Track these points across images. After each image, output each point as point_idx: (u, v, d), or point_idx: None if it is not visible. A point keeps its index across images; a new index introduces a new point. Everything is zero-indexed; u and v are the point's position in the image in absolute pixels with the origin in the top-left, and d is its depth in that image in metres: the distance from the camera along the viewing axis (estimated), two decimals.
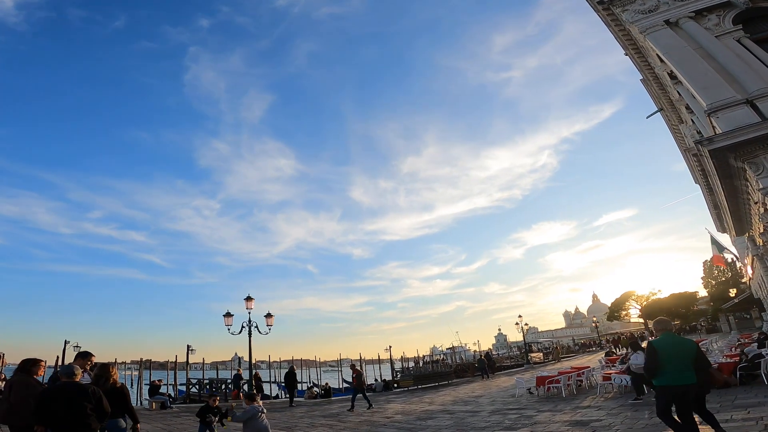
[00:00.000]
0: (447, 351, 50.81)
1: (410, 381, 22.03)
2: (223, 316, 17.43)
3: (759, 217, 15.73)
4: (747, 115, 13.20)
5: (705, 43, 14.71)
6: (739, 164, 13.57)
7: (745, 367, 11.15)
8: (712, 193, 32.03)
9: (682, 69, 14.78)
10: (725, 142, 12.97)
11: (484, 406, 13.16)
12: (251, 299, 17.75)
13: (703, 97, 14.13)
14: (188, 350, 22.14)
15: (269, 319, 18.29)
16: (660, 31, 15.67)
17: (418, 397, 17.55)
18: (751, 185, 14.64)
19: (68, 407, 4.18)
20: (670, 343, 5.38)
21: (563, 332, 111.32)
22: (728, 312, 43.72)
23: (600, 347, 50.41)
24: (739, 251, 33.42)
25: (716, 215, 37.56)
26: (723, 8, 15.09)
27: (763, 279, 24.05)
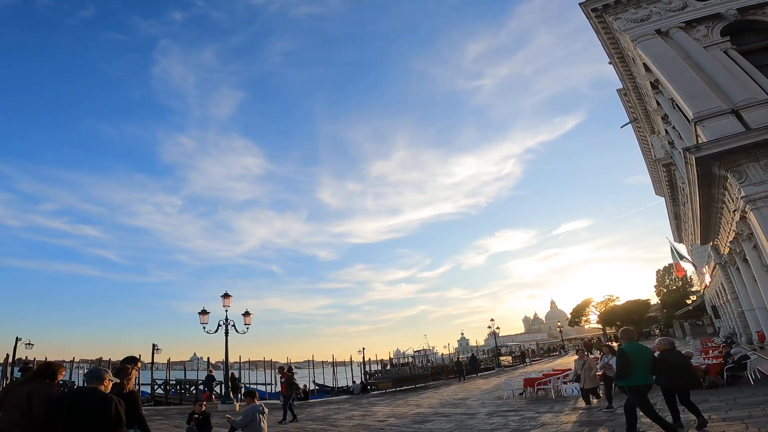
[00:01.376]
0: (415, 354, 50.68)
1: (389, 383, 21.57)
2: (198, 313, 16.26)
3: (733, 224, 16.44)
4: (732, 125, 13.70)
5: (693, 53, 15.21)
6: (722, 172, 14.06)
7: (732, 368, 11.47)
8: (675, 203, 33.82)
9: (670, 78, 15.22)
10: (712, 150, 13.40)
11: (476, 408, 12.88)
12: (229, 296, 16.68)
13: (690, 106, 14.57)
14: (153, 349, 20.57)
15: (247, 318, 17.27)
16: (651, 40, 16.13)
17: (401, 400, 17.07)
18: (729, 194, 15.27)
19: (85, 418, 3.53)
20: (636, 350, 6.34)
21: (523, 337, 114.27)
22: (681, 318, 46.13)
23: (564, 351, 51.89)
24: (696, 260, 35.38)
25: (675, 225, 39.75)
26: (712, 20, 15.68)
27: (724, 287, 25.40)
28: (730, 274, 23.69)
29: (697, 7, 16.09)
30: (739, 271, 22.46)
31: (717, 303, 31.32)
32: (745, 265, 19.41)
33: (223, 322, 16.43)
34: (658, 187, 45.08)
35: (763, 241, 12.97)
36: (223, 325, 16.39)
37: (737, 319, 24.52)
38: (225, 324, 16.41)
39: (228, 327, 16.42)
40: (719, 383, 11.38)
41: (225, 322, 16.45)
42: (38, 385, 3.99)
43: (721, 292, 27.58)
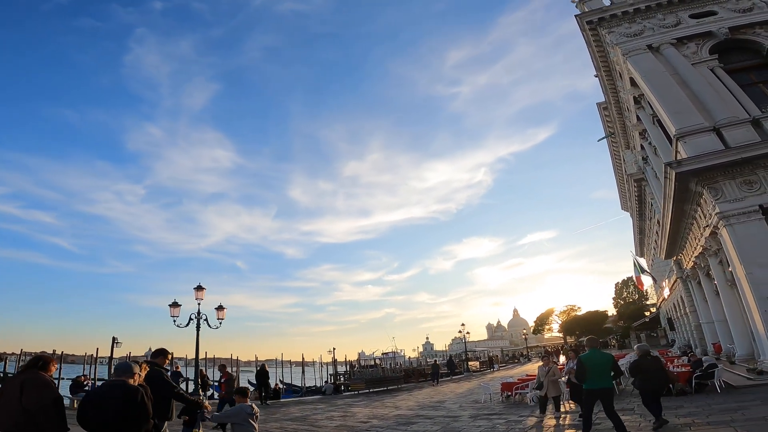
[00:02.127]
0: (383, 356, 50.55)
1: (362, 384, 21.20)
2: (169, 306, 15.32)
3: (702, 240, 17.20)
4: (712, 142, 14.24)
5: (681, 69, 15.67)
6: (698, 189, 14.62)
7: (700, 376, 11.89)
8: (641, 218, 35.34)
9: (657, 93, 15.63)
10: (692, 166, 13.91)
11: (456, 411, 12.77)
12: (202, 289, 15.83)
13: (673, 121, 15.05)
14: (113, 343, 19.25)
15: (220, 312, 16.45)
16: (642, 54, 16.52)
17: (378, 401, 16.76)
18: (701, 210, 15.93)
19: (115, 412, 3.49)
20: (595, 357, 7.05)
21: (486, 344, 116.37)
22: (637, 330, 48.21)
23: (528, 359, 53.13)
24: (656, 274, 37.07)
25: (639, 240, 41.62)
26: (703, 37, 16.23)
27: (683, 300, 26.66)
28: (690, 288, 24.89)
29: (690, 24, 16.61)
30: (700, 285, 23.60)
31: (673, 316, 32.88)
32: (708, 279, 20.38)
33: (194, 316, 15.59)
34: (625, 202, 47.14)
35: (734, 256, 13.57)
36: (194, 319, 15.55)
37: (693, 331, 25.75)
38: (197, 318, 15.57)
39: (200, 321, 15.59)
40: (687, 390, 11.78)
41: (197, 316, 15.61)
42: (31, 374, 3.85)
43: (679, 305, 28.92)
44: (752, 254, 12.65)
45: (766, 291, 12.29)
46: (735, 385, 11.92)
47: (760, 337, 12.67)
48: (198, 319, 15.58)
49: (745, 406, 8.42)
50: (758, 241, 12.65)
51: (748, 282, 12.68)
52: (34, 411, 3.61)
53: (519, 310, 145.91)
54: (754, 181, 13.09)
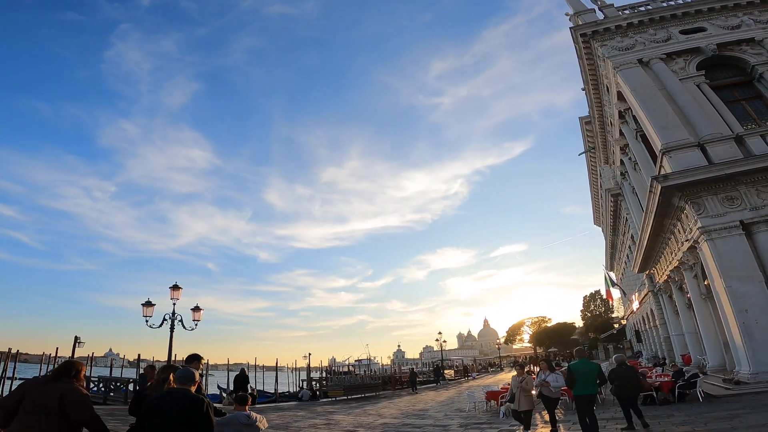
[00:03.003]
0: (356, 363, 49.94)
1: (340, 391, 20.61)
2: (142, 305, 14.33)
3: (679, 254, 17.69)
4: (697, 158, 14.61)
5: (669, 84, 16.06)
6: (680, 203, 15.00)
7: (683, 385, 12.08)
8: (614, 233, 36.40)
9: (644, 107, 15.92)
10: (678, 181, 14.23)
11: (442, 420, 12.46)
12: (178, 288, 14.93)
13: (660, 136, 15.39)
14: (75, 342, 17.85)
15: (196, 313, 15.55)
16: (632, 68, 16.85)
17: (359, 409, 16.23)
18: (681, 224, 16.36)
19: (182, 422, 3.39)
20: (583, 366, 7.76)
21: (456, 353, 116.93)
22: (605, 342, 49.49)
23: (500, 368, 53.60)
24: (625, 288, 38.25)
25: (610, 254, 42.94)
26: (691, 53, 16.66)
27: (653, 313, 27.49)
28: (661, 302, 25.68)
29: (680, 39, 17.09)
30: (671, 298, 24.35)
31: (641, 328, 33.88)
32: (680, 293, 21.01)
33: (169, 317, 14.66)
34: (598, 216, 48.65)
35: (713, 270, 13.93)
36: (168, 319, 14.63)
37: (662, 343, 26.52)
38: (171, 319, 14.65)
39: (174, 322, 14.68)
40: (670, 399, 11.96)
41: (171, 316, 14.69)
42: (70, 385, 3.73)
43: (649, 318, 29.79)
44: (732, 268, 13.02)
45: (744, 304, 12.65)
46: (714, 395, 12.17)
47: (737, 349, 12.99)
48: (172, 320, 14.67)
49: (736, 415, 8.53)
50: (738, 255, 13.02)
51: (727, 295, 13.01)
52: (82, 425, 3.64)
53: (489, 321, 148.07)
54: (736, 197, 13.50)
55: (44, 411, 3.61)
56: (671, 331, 24.29)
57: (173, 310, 14.75)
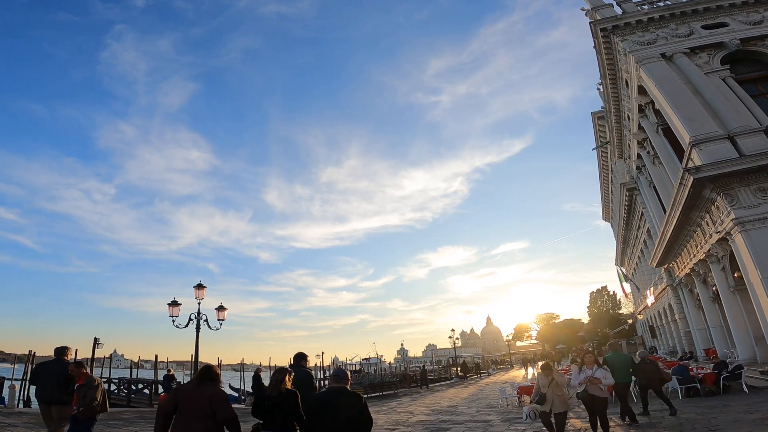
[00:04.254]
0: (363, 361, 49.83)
1: (361, 389, 20.44)
2: (168, 305, 14.10)
3: (706, 247, 17.50)
4: (727, 150, 14.50)
5: (694, 78, 15.98)
6: (712, 195, 14.83)
7: (728, 377, 11.90)
8: (627, 228, 36.24)
9: (670, 100, 15.87)
10: (711, 172, 14.09)
11: (477, 415, 12.25)
12: (203, 287, 14.70)
13: (688, 129, 15.28)
14: (95, 343, 17.62)
15: (221, 313, 15.31)
16: (655, 63, 16.81)
17: (385, 407, 16.04)
18: (710, 216, 16.19)
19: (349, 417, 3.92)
20: (616, 357, 9.04)
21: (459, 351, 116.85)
22: (616, 337, 49.32)
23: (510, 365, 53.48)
24: (637, 283, 38.08)
25: (621, 249, 42.79)
26: (715, 48, 16.68)
27: (671, 307, 27.29)
28: (681, 296, 25.48)
29: (703, 34, 17.09)
30: (692, 292, 24.16)
31: (657, 323, 33.68)
32: (704, 286, 20.81)
33: (194, 317, 14.43)
34: (607, 212, 48.54)
35: (748, 262, 13.77)
36: (194, 319, 14.39)
37: (683, 337, 26.31)
38: (197, 318, 14.42)
39: (200, 322, 14.45)
40: (715, 391, 11.78)
41: (197, 316, 14.45)
42: (216, 388, 4.16)
43: (666, 312, 29.57)
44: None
45: None
46: (757, 387, 12.02)
47: None
48: (198, 320, 14.43)
49: None
50: None
51: (763, 286, 12.87)
52: (225, 422, 4.01)
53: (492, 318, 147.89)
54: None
55: (197, 413, 3.96)
56: (692, 325, 24.08)
57: (198, 309, 14.53)
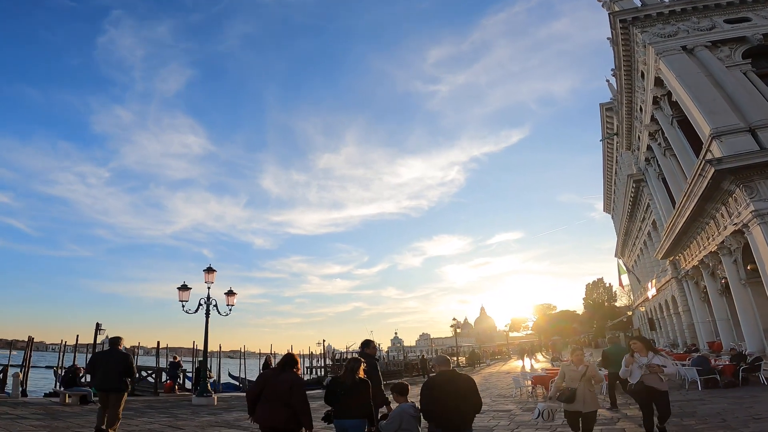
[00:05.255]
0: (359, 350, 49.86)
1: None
2: (178, 289, 13.73)
3: (719, 239, 17.44)
4: (748, 142, 14.39)
5: (715, 71, 15.88)
6: (731, 187, 14.72)
7: (747, 369, 11.87)
8: (631, 219, 36.27)
9: (691, 92, 15.73)
10: (732, 164, 13.98)
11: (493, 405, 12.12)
12: (213, 271, 14.33)
13: (708, 120, 15.16)
14: (97, 329, 17.26)
15: (230, 298, 14.97)
16: (676, 55, 16.75)
17: None
18: (726, 208, 16.08)
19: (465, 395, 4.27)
20: (615, 349, 10.22)
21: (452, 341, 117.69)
22: (612, 329, 49.74)
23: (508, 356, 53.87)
24: (639, 275, 38.25)
25: (623, 241, 42.94)
26: (737, 42, 16.64)
27: (676, 299, 27.41)
28: (686, 288, 25.57)
29: (725, 28, 17.14)
30: (697, 285, 24.24)
31: (658, 315, 33.92)
32: (712, 279, 20.84)
33: (204, 302, 14.11)
34: (609, 204, 48.64)
35: (765, 253, 13.75)
36: (204, 304, 14.07)
37: (686, 330, 26.47)
38: (206, 303, 14.07)
39: (209, 307, 14.14)
40: (735, 383, 11.73)
41: (206, 301, 14.13)
42: (296, 375, 4.52)
43: (669, 305, 29.73)
44: None
45: None
46: None
47: None
48: (208, 305, 14.09)
49: None
50: None
51: None
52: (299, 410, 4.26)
53: (486, 309, 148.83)
54: None
55: (279, 399, 4.26)
56: (697, 318, 24.18)
57: (208, 294, 14.19)
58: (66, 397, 11.62)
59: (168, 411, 9.86)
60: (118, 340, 7.56)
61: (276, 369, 4.67)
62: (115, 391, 7.05)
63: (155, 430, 8.15)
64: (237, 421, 9.79)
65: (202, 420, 9.80)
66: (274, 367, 4.83)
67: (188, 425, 9.01)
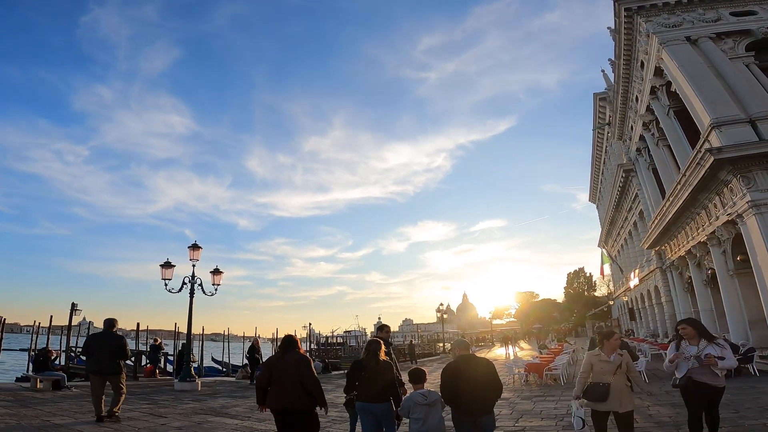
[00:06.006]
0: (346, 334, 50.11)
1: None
2: (161, 266, 12.93)
3: (709, 229, 17.52)
4: (748, 133, 14.32)
5: (718, 63, 15.86)
6: (728, 177, 14.70)
7: (740, 359, 11.89)
8: (618, 209, 36.57)
9: (693, 82, 15.63)
10: (733, 154, 13.88)
11: None
12: (198, 248, 13.60)
13: (709, 111, 15.05)
14: (72, 310, 16.30)
15: (216, 277, 14.27)
16: (680, 45, 16.69)
17: None
18: (720, 199, 16.11)
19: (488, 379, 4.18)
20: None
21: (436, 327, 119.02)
22: (592, 319, 50.76)
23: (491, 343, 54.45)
24: (622, 265, 38.82)
25: (607, 230, 43.41)
26: (741, 35, 16.62)
27: (659, 290, 27.79)
28: (670, 279, 25.92)
29: (731, 21, 17.13)
30: (681, 275, 24.57)
31: (639, 306, 34.52)
32: (698, 269, 21.08)
33: (189, 280, 13.39)
34: (595, 194, 49.06)
35: (758, 244, 13.79)
36: (188, 283, 13.36)
37: (667, 321, 26.91)
38: (191, 282, 13.37)
39: (194, 287, 13.42)
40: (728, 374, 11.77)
41: (191, 279, 13.41)
42: (300, 354, 4.51)
43: (651, 295, 30.19)
44: None
45: None
46: (763, 370, 12.10)
47: None
48: (192, 284, 13.38)
49: None
50: None
51: None
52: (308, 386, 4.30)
53: (468, 296, 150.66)
54: None
55: (288, 381, 4.26)
56: (679, 308, 24.55)
57: (193, 272, 13.45)
58: (37, 382, 10.87)
59: (149, 397, 9.26)
60: (113, 322, 7.46)
61: (278, 353, 4.61)
62: (111, 374, 7.05)
63: (135, 419, 7.54)
64: (223, 408, 9.26)
65: (186, 407, 9.23)
66: (276, 351, 4.80)
67: (171, 413, 8.44)
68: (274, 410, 4.31)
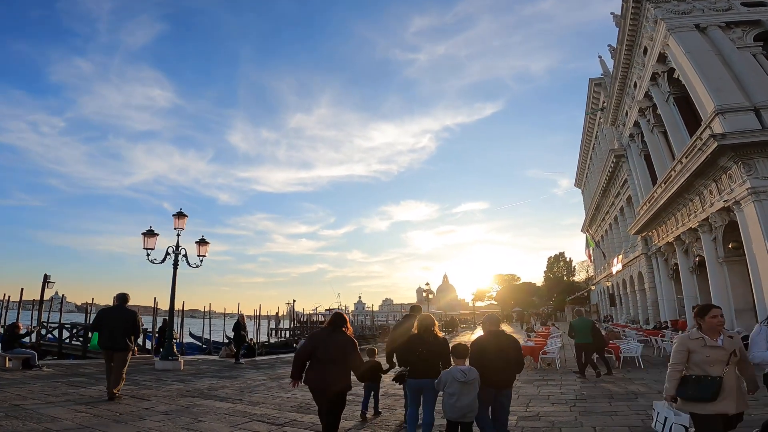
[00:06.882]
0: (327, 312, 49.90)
1: None
2: (143, 234, 11.90)
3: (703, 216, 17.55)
4: (751, 121, 14.26)
5: (725, 51, 15.84)
6: (729, 163, 14.61)
7: None
8: (605, 194, 36.78)
9: (699, 69, 15.53)
10: (736, 140, 13.79)
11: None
12: (184, 216, 12.62)
13: (714, 97, 14.92)
14: (45, 282, 15.19)
15: (202, 248, 13.39)
16: (688, 32, 16.58)
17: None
18: (717, 185, 16.08)
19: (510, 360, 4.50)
20: (580, 322, 10.96)
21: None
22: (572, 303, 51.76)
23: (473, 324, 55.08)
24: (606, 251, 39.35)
25: (591, 216, 43.84)
26: (750, 25, 16.53)
27: (643, 275, 28.19)
28: (654, 265, 26.25)
29: (741, 11, 17.03)
30: (666, 262, 24.86)
31: (620, 291, 35.14)
32: (685, 256, 21.29)
33: (173, 250, 12.51)
34: (581, 179, 49.35)
35: (754, 231, 13.84)
36: (172, 254, 12.49)
37: (649, 307, 27.38)
38: (175, 253, 12.51)
39: (178, 257, 12.57)
40: None
41: (175, 250, 12.52)
42: (347, 335, 4.44)
43: (634, 281, 30.65)
44: None
45: None
46: None
47: None
48: (176, 255, 12.48)
49: None
50: None
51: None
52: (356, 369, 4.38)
53: (449, 277, 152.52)
54: None
55: (332, 359, 4.16)
56: (662, 295, 24.93)
57: (177, 242, 12.49)
58: (6, 361, 10.02)
59: (129, 377, 8.57)
60: (125, 296, 7.35)
61: (327, 329, 4.51)
62: (121, 350, 6.91)
63: (114, 402, 6.88)
64: (211, 390, 8.66)
65: (171, 388, 8.59)
66: (324, 327, 4.69)
67: (154, 395, 7.80)
68: (314, 389, 4.22)
